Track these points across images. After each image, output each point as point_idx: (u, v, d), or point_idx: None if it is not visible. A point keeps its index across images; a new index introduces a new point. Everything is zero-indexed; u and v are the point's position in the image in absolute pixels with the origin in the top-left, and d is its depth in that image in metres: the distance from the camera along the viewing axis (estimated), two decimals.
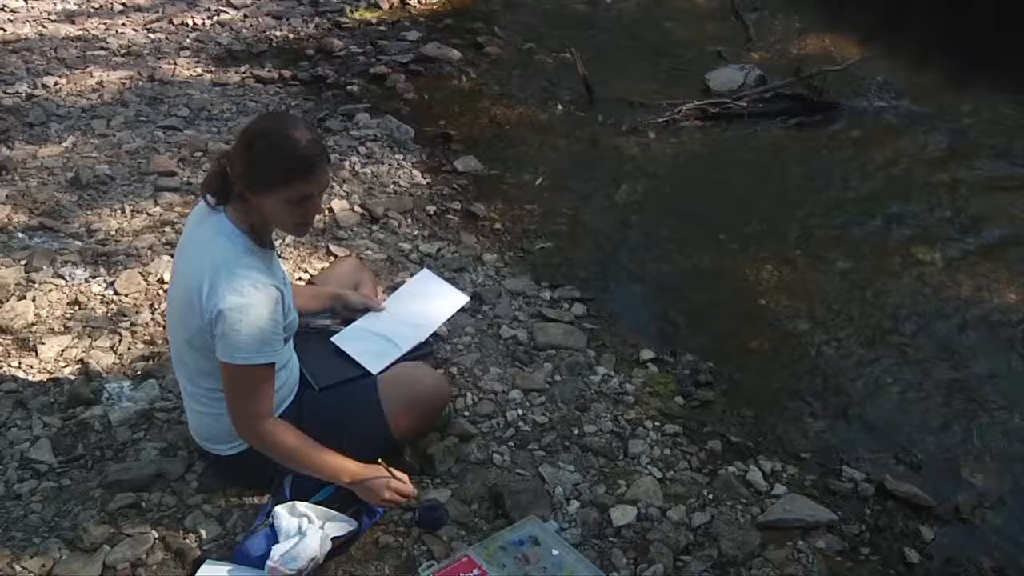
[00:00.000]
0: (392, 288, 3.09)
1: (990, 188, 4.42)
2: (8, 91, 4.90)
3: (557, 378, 3.05)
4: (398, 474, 2.20)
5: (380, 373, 2.53)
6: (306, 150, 2.03)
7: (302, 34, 6.15)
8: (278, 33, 6.13)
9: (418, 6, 6.80)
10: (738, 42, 6.12)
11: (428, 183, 4.37)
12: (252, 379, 2.10)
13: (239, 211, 2.12)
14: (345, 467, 2.18)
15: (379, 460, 2.19)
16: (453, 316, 3.00)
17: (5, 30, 5.73)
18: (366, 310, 2.77)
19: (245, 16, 6.32)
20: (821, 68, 5.29)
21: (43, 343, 3.01)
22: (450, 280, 3.17)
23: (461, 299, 2.88)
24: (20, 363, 2.93)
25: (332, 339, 2.66)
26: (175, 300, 2.22)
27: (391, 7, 6.73)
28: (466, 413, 2.83)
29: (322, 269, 3.34)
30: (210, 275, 2.05)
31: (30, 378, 2.86)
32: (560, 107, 5.27)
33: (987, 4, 6.29)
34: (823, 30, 6.22)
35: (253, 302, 2.05)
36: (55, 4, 6.24)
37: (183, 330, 2.17)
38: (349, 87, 5.36)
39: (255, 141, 2.04)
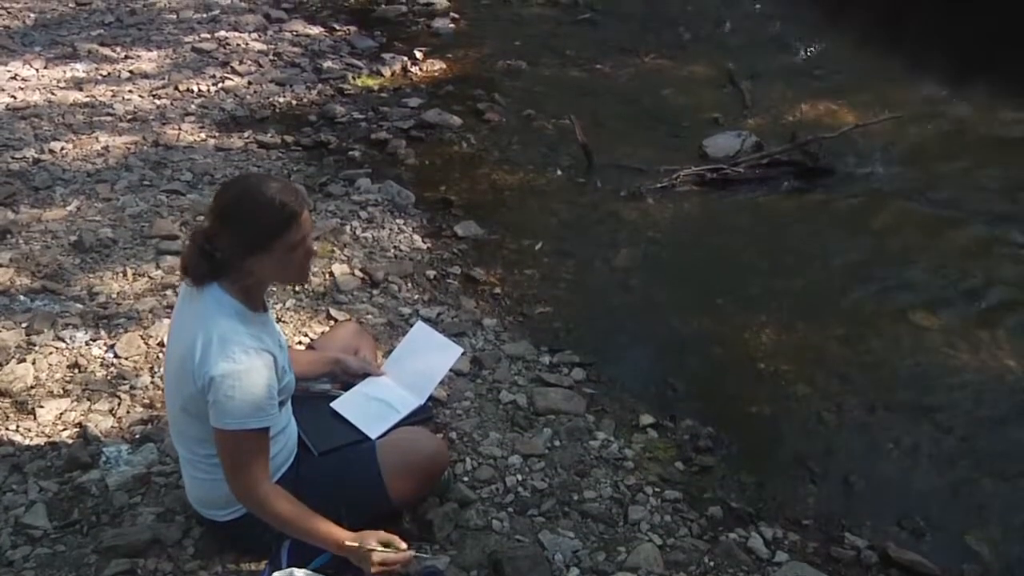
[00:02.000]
0: (389, 351, 3.09)
1: (987, 253, 4.45)
2: (16, 156, 4.96)
3: (556, 443, 3.04)
4: (390, 538, 2.17)
5: (379, 438, 2.52)
6: (285, 198, 2.07)
7: (305, 100, 6.25)
8: (281, 99, 6.22)
9: (419, 73, 6.91)
10: (735, 109, 6.20)
11: (428, 248, 4.40)
12: (247, 445, 2.10)
13: (229, 281, 2.14)
14: (337, 535, 2.15)
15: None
16: (452, 379, 3.00)
17: (16, 98, 5.82)
18: (365, 375, 2.77)
19: (249, 83, 6.42)
20: (817, 135, 5.36)
21: (42, 406, 3.01)
22: None
23: (456, 352, 2.88)
24: (18, 426, 2.92)
25: (331, 404, 2.66)
26: (171, 367, 2.23)
27: (393, 74, 6.84)
28: (465, 478, 2.81)
29: (322, 333, 3.34)
30: (202, 342, 2.06)
31: (27, 442, 2.85)
32: (559, 173, 5.33)
33: (981, 85, 6.42)
34: (818, 98, 6.31)
35: (245, 368, 2.05)
36: (65, 72, 6.34)
37: (178, 397, 2.18)
38: (351, 152, 5.42)
39: (233, 210, 2.08)
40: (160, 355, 3.33)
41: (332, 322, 3.61)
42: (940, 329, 3.89)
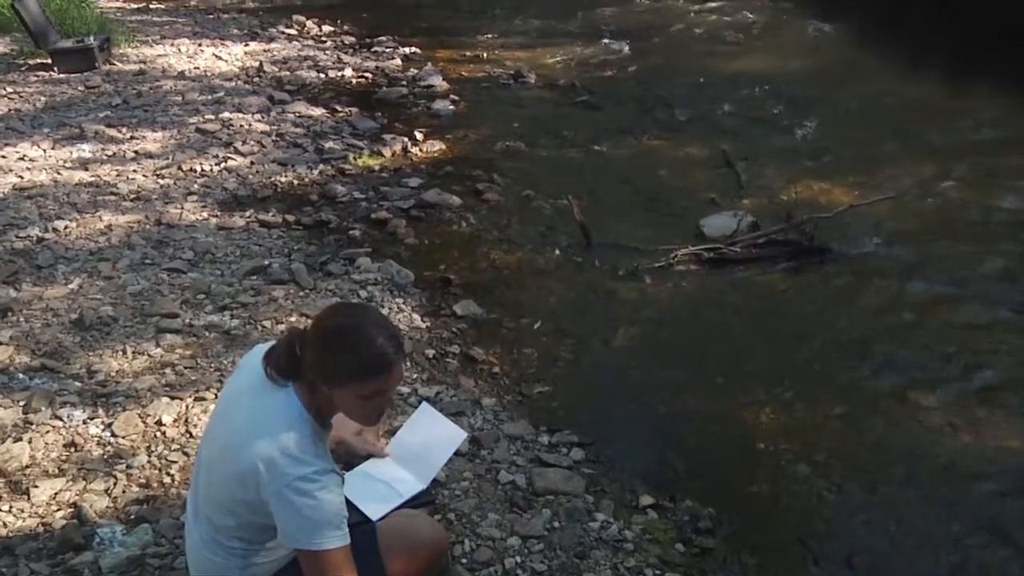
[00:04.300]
0: (392, 432, 3.08)
1: (984, 332, 4.46)
2: (20, 235, 5.02)
3: (556, 524, 3.01)
4: None
5: (379, 520, 2.50)
6: (383, 349, 2.03)
7: (307, 180, 6.33)
8: (283, 179, 6.30)
9: (419, 154, 7.03)
10: (730, 189, 6.27)
11: (427, 327, 4.41)
12: (328, 563, 2.04)
13: (306, 392, 2.09)
14: None
15: None
16: (451, 459, 2.98)
17: (22, 177, 5.92)
18: (368, 456, 2.76)
19: (252, 163, 6.52)
20: (812, 215, 5.42)
21: (36, 486, 2.99)
22: None
23: (460, 436, 2.87)
24: (11, 507, 2.90)
25: None
26: (218, 461, 2.15)
27: (393, 155, 6.95)
28: (464, 560, 2.78)
29: None
30: (275, 458, 2.00)
31: (20, 523, 2.83)
32: (558, 252, 5.38)
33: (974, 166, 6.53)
34: (812, 178, 6.40)
35: (321, 487, 2.01)
36: (71, 152, 6.46)
37: (224, 492, 2.12)
38: (351, 232, 5.48)
39: (332, 337, 2.05)
40: (158, 434, 3.31)
41: None
42: (939, 408, 3.88)
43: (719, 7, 12.49)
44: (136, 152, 6.56)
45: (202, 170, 6.29)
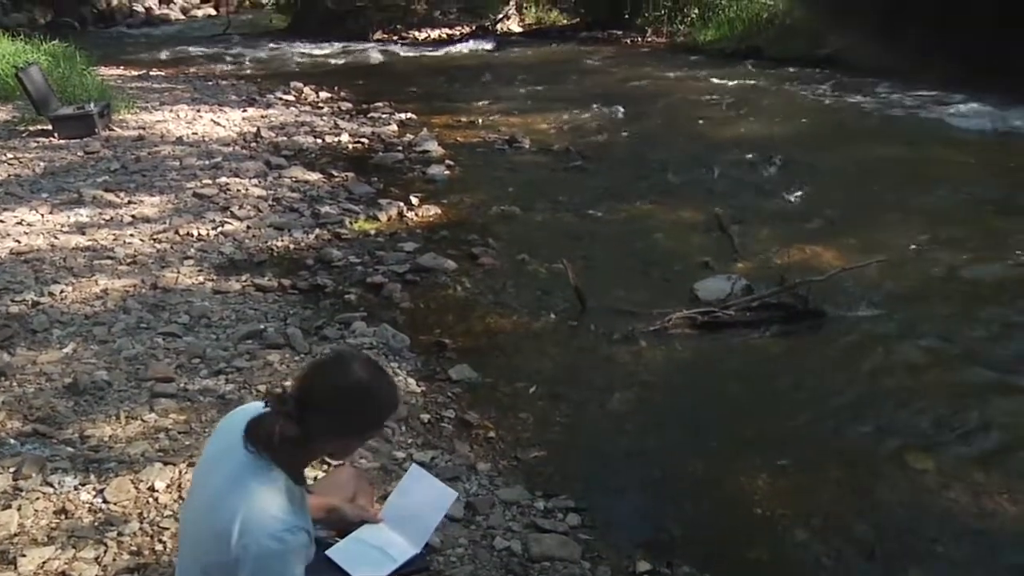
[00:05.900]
0: (385, 496, 3.05)
1: (979, 394, 4.45)
2: (16, 299, 5.02)
3: None
4: None
5: None
6: (396, 399, 2.15)
7: (303, 244, 6.37)
8: (279, 243, 6.34)
9: (415, 218, 7.08)
10: (724, 253, 6.32)
11: (423, 391, 4.40)
12: None
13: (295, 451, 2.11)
14: None
15: None
16: (446, 525, 2.96)
17: (20, 242, 5.94)
18: (361, 522, 2.73)
19: (248, 227, 6.56)
20: (805, 278, 5.45)
21: (24, 555, 2.95)
22: None
23: (450, 496, 2.85)
24: None
25: (327, 552, 2.61)
26: (196, 523, 2.15)
27: (389, 219, 7.00)
28: None
29: (316, 478, 3.30)
30: (245, 513, 2.00)
31: None
32: (553, 316, 5.39)
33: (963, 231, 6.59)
34: (804, 241, 6.45)
35: (288, 548, 2.01)
36: (69, 217, 6.49)
37: (203, 554, 2.10)
38: (347, 296, 5.50)
39: (345, 398, 2.10)
40: (150, 500, 3.28)
41: (327, 466, 3.57)
42: (936, 471, 3.86)
43: (712, 73, 12.73)
44: (133, 216, 6.60)
45: (199, 234, 6.33)
